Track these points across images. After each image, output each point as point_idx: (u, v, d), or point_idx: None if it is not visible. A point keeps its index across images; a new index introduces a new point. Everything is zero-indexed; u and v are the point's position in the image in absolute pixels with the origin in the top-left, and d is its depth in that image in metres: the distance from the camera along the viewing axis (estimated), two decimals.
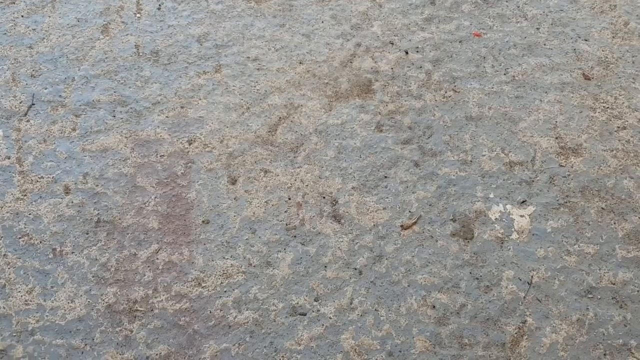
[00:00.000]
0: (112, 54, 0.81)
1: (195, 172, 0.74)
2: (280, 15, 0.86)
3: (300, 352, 0.65)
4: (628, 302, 0.67)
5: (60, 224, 0.71)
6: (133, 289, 0.67)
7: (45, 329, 0.65)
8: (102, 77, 0.80)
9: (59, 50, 0.81)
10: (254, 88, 0.79)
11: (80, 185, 0.73)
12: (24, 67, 0.80)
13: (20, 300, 0.67)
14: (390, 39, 0.84)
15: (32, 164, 0.74)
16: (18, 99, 0.78)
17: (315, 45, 0.84)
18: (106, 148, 0.75)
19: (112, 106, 0.78)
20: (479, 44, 0.84)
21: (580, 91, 0.80)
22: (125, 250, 0.69)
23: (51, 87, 0.79)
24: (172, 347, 0.65)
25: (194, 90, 0.79)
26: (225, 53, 0.82)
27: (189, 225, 0.71)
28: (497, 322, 0.66)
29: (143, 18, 0.84)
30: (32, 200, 0.72)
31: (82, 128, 0.76)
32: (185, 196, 0.72)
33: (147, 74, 0.80)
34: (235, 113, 0.77)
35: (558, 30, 0.85)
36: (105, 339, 0.65)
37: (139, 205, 0.72)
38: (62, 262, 0.69)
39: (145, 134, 0.76)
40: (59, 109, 0.77)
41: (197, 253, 0.69)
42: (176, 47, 0.82)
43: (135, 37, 0.83)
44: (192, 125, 0.76)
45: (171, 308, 0.67)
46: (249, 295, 0.67)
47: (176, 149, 0.75)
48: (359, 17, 0.86)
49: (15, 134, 0.76)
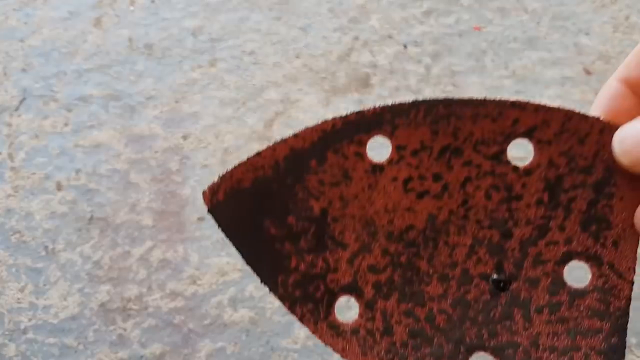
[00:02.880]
0: (105, 47, 0.80)
1: (190, 168, 0.73)
2: (276, 9, 0.85)
3: (297, 350, 0.64)
4: None
5: (53, 220, 0.70)
6: (127, 287, 0.67)
7: (38, 328, 0.65)
8: (94, 71, 0.79)
9: (50, 43, 0.80)
10: (250, 82, 0.78)
11: (72, 182, 0.72)
12: (15, 61, 0.79)
13: (13, 298, 0.66)
14: (388, 33, 0.83)
15: (23, 160, 0.73)
16: (9, 93, 0.77)
17: (312, 39, 0.83)
18: (99, 144, 0.74)
19: (105, 101, 0.77)
20: (479, 38, 0.83)
21: (581, 86, 0.79)
22: (118, 248, 0.68)
23: (43, 81, 0.78)
24: (167, 346, 0.64)
25: (189, 84, 0.78)
26: (221, 47, 0.81)
27: (184, 223, 0.70)
28: None
29: (137, 11, 0.83)
30: (23, 196, 0.71)
31: (75, 123, 0.75)
32: (180, 193, 0.71)
33: (140, 68, 0.79)
34: (230, 108, 0.76)
35: (559, 24, 0.84)
36: (99, 338, 0.64)
37: (133, 202, 0.71)
38: (55, 259, 0.68)
39: (139, 129, 0.75)
40: (51, 104, 0.76)
41: (192, 250, 0.69)
42: (170, 41, 0.81)
43: (129, 30, 0.82)
44: (187, 120, 0.76)
45: (166, 306, 0.66)
46: (244, 294, 0.66)
47: (170, 145, 0.74)
48: (356, 10, 0.85)
49: (7, 129, 0.75)
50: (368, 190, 0.22)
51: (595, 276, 0.21)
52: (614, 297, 0.21)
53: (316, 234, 0.22)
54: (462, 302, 0.22)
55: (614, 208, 0.21)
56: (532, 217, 0.22)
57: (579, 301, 0.21)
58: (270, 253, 0.22)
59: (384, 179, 0.22)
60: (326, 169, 0.22)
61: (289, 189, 0.22)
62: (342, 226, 0.22)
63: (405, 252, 0.22)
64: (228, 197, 0.23)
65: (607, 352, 0.21)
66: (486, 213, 0.22)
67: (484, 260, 0.22)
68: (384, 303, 0.22)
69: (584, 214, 0.21)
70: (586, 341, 0.21)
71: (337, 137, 0.22)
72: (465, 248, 0.22)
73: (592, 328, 0.21)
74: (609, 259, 0.21)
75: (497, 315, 0.21)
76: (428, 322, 0.22)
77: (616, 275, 0.21)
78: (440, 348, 0.22)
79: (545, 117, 0.22)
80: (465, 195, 0.22)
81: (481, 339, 0.21)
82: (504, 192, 0.22)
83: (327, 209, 0.22)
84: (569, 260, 0.22)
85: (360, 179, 0.22)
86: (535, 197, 0.22)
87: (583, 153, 0.22)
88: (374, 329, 0.22)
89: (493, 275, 0.22)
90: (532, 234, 0.22)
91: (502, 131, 0.22)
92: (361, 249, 0.22)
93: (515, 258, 0.22)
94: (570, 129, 0.22)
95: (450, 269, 0.22)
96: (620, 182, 0.21)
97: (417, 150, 0.21)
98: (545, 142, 0.22)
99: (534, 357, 0.21)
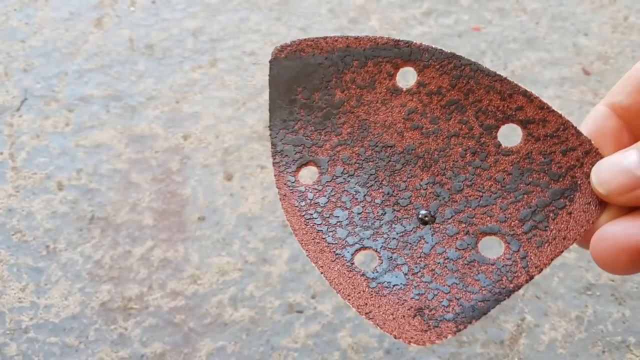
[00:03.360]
0: (105, 48, 0.80)
1: (190, 168, 0.73)
2: (276, 9, 0.85)
3: (297, 349, 0.64)
4: (627, 299, 0.66)
5: (54, 220, 0.70)
6: (127, 286, 0.67)
7: (39, 327, 0.65)
8: (95, 72, 0.79)
9: (51, 44, 0.80)
10: (250, 83, 0.79)
11: (73, 182, 0.72)
12: (16, 62, 0.79)
13: (14, 297, 0.66)
14: (388, 33, 0.84)
15: (25, 160, 0.73)
16: (10, 93, 0.77)
17: None
18: (100, 143, 0.74)
19: (105, 101, 0.77)
20: (479, 38, 0.83)
21: (579, 86, 0.79)
22: (119, 247, 0.69)
23: (44, 81, 0.78)
24: (168, 345, 0.64)
25: (189, 84, 0.78)
26: (221, 47, 0.81)
27: (184, 222, 0.70)
28: (496, 320, 0.66)
29: (137, 11, 0.83)
30: (25, 196, 0.71)
31: (76, 123, 0.75)
32: (180, 192, 0.72)
33: (141, 68, 0.79)
34: (231, 108, 0.77)
35: (558, 25, 0.84)
36: (100, 337, 0.65)
37: (134, 201, 0.71)
38: (56, 259, 0.68)
39: (139, 129, 0.75)
40: (52, 104, 0.76)
41: (192, 250, 0.69)
42: (171, 41, 0.81)
43: (130, 30, 0.82)
44: (187, 120, 0.76)
45: (166, 306, 0.66)
46: (245, 293, 0.67)
47: (171, 145, 0.74)
48: (356, 10, 0.85)
49: (8, 129, 0.75)
50: (380, 104, 0.26)
51: (505, 256, 0.24)
52: (507, 278, 0.23)
53: (325, 115, 0.27)
54: (389, 215, 0.25)
55: (558, 217, 0.23)
56: (486, 187, 0.24)
57: (477, 264, 0.24)
58: (288, 110, 0.27)
59: (396, 101, 0.26)
60: (362, 72, 0.26)
61: (329, 73, 0.27)
62: (345, 119, 0.27)
63: (375, 160, 0.26)
64: (288, 58, 0.28)
65: (467, 309, 0.23)
66: (453, 165, 0.25)
67: (427, 197, 0.25)
68: (335, 185, 0.27)
69: (530, 208, 0.24)
70: (459, 293, 0.23)
71: (383, 53, 0.26)
72: (420, 181, 0.26)
73: (471, 287, 0.23)
74: (526, 249, 0.23)
75: (408, 237, 0.25)
76: (355, 213, 0.26)
77: (523, 264, 0.23)
78: (353, 237, 0.26)
79: (546, 116, 0.24)
80: (446, 144, 0.25)
81: (384, 246, 0.25)
82: (478, 158, 0.25)
83: (345, 101, 0.27)
84: (492, 235, 0.24)
85: (380, 92, 0.26)
86: (498, 174, 0.24)
87: (560, 162, 0.23)
88: (315, 197, 0.27)
89: (423, 210, 0.25)
90: (478, 199, 0.25)
91: (505, 111, 0.24)
92: (347, 141, 0.27)
93: (452, 209, 0.25)
94: (561, 137, 0.23)
95: (397, 189, 0.26)
96: (578, 202, 0.23)
97: (433, 92, 0.25)
98: (534, 137, 0.24)
99: (416, 280, 0.24)
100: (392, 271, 0.24)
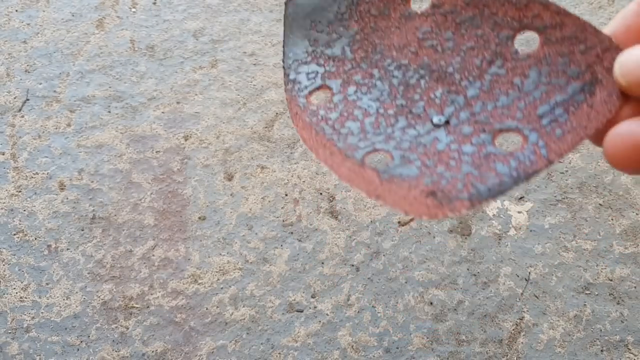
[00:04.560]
0: (107, 49, 0.81)
1: (191, 168, 0.73)
2: (276, 10, 0.85)
3: (297, 348, 0.64)
4: (625, 298, 0.67)
5: (55, 220, 0.70)
6: (129, 285, 0.67)
7: (40, 326, 0.65)
8: (97, 72, 0.79)
9: (53, 45, 0.81)
10: (251, 83, 0.79)
11: (75, 182, 0.72)
12: (18, 62, 0.79)
13: (15, 297, 0.66)
14: None
15: (26, 160, 0.73)
16: (12, 94, 0.77)
17: None
18: (101, 144, 0.74)
19: (107, 101, 0.77)
20: None
21: None
22: (120, 247, 0.69)
23: (46, 82, 0.78)
24: (169, 344, 0.65)
25: (190, 85, 0.78)
26: (222, 48, 0.81)
27: (185, 222, 0.70)
28: (495, 319, 0.66)
29: (138, 12, 0.84)
30: (26, 196, 0.71)
31: (77, 124, 0.75)
32: (181, 192, 0.72)
33: (142, 69, 0.79)
34: (231, 108, 0.77)
35: None
36: (101, 336, 0.65)
37: (135, 201, 0.71)
38: (57, 258, 0.68)
39: (140, 130, 0.75)
40: (54, 105, 0.77)
41: (193, 249, 0.69)
42: (172, 42, 0.81)
43: (131, 31, 0.82)
44: (188, 120, 0.76)
45: (167, 305, 0.66)
46: (245, 292, 0.67)
47: (172, 145, 0.74)
48: None
49: (10, 129, 0.75)
50: (394, 28, 0.27)
51: (524, 146, 0.23)
52: (525, 165, 0.23)
53: (339, 44, 0.27)
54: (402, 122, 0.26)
55: (579, 110, 0.23)
56: (504, 90, 0.24)
57: (493, 156, 0.23)
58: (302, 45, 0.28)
59: (410, 24, 0.27)
60: (376, 1, 0.27)
61: (343, 6, 0.27)
62: (359, 45, 0.27)
63: (389, 79, 0.26)
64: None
65: (483, 190, 0.22)
66: (469, 75, 0.25)
67: (442, 104, 0.25)
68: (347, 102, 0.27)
69: (549, 105, 0.23)
70: (474, 178, 0.23)
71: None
72: (434, 92, 0.26)
73: (487, 173, 0.23)
74: (545, 140, 0.23)
75: (422, 138, 0.25)
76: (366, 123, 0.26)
77: (543, 152, 0.23)
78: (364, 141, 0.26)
79: (563, 20, 0.23)
80: (461, 57, 0.25)
81: (396, 147, 0.25)
82: (494, 66, 0.25)
83: (359, 30, 0.27)
84: (509, 131, 0.24)
85: (394, 18, 0.27)
86: (516, 78, 0.24)
87: (579, 60, 0.23)
88: (326, 114, 0.27)
89: (436, 116, 0.25)
90: (494, 101, 0.24)
91: (521, 20, 0.24)
92: (360, 65, 0.27)
93: (467, 112, 0.25)
94: (579, 37, 0.23)
95: (411, 101, 0.26)
96: (599, 94, 0.22)
97: (447, 12, 0.26)
98: (552, 41, 0.24)
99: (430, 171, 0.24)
100: (404, 165, 0.24)
